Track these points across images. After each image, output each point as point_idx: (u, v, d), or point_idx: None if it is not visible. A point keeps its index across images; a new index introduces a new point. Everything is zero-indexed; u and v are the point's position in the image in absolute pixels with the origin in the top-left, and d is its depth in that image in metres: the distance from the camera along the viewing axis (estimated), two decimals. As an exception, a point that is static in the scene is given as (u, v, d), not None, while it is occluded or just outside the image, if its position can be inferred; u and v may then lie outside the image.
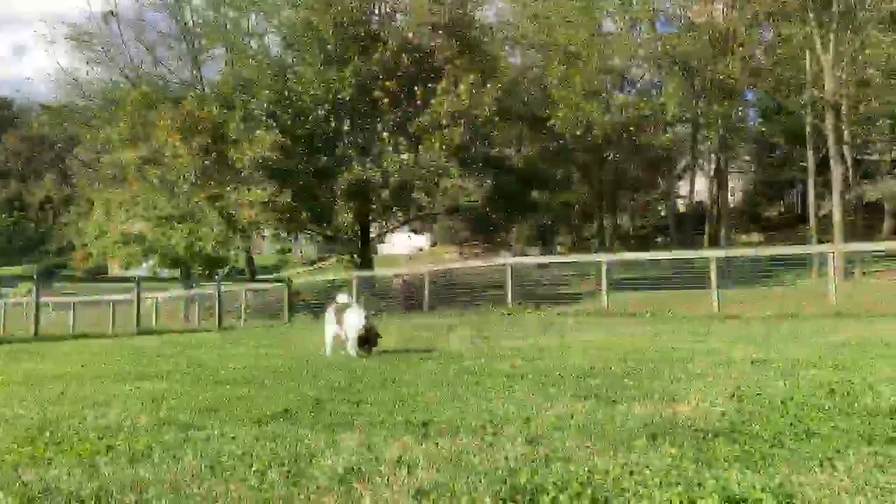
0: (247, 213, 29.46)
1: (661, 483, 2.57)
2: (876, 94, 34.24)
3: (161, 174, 31.23)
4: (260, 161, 27.83)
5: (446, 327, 14.02)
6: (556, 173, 42.68)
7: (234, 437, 3.64)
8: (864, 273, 28.15)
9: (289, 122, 29.50)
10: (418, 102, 29.71)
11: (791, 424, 3.68)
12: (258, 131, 28.05)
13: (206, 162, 30.07)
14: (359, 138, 31.91)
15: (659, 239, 47.19)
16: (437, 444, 3.39)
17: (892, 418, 3.80)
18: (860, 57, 31.53)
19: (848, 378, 5.23)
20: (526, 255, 36.42)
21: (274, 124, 28.60)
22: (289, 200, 27.96)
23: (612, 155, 39.49)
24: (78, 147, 47.71)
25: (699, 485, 2.49)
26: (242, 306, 26.25)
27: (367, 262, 33.24)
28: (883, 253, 27.94)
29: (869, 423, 3.64)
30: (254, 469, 2.92)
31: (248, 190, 28.55)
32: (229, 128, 28.89)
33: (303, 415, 4.51)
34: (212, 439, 3.62)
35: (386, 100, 29.74)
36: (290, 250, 35.22)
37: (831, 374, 5.49)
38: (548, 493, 2.45)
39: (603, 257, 21.36)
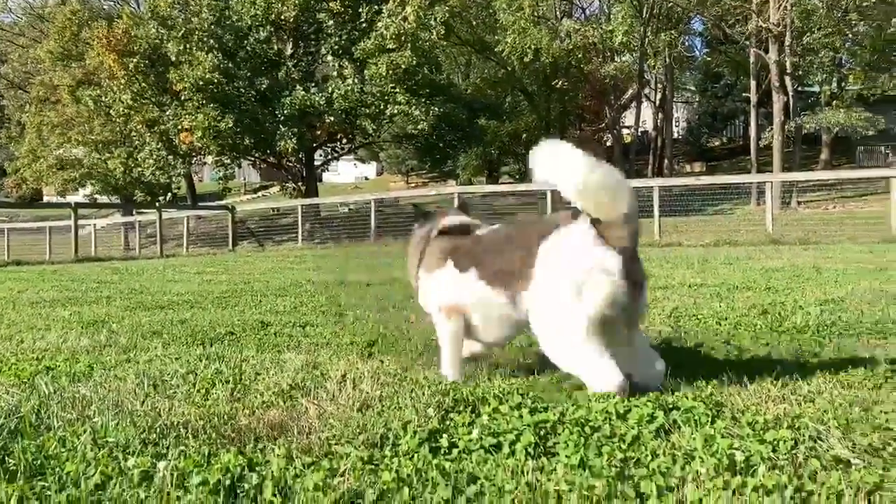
0: (187, 139, 28.70)
1: (599, 394, 2.65)
2: (818, 26, 34.68)
3: (96, 97, 30.04)
4: (200, 84, 26.95)
5: (392, 256, 14.04)
6: (504, 101, 42.45)
7: (177, 358, 3.62)
8: (799, 202, 29.02)
9: (230, 44, 28.51)
10: (364, 25, 28.99)
11: (725, 342, 3.83)
12: (198, 52, 27.05)
13: (143, 84, 29.02)
14: (302, 62, 31.09)
15: (605, 169, 47.52)
16: (382, 362, 3.44)
17: (817, 335, 3.98)
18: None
19: (780, 300, 5.44)
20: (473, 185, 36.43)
21: (215, 46, 27.57)
22: (231, 125, 27.26)
23: (560, 83, 39.34)
24: (5, 66, 45.52)
25: (634, 394, 2.58)
26: (185, 234, 25.80)
27: (312, 190, 32.88)
28: (818, 183, 28.79)
29: (797, 340, 3.80)
30: (198, 387, 2.92)
31: (189, 114, 27.72)
32: (168, 49, 27.79)
33: (248, 337, 4.51)
34: (155, 360, 3.60)
35: (330, 22, 28.94)
36: (232, 177, 34.50)
37: (764, 297, 5.70)
38: (489, 404, 2.51)
39: (549, 187, 21.44)
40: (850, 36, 35.43)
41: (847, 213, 24.04)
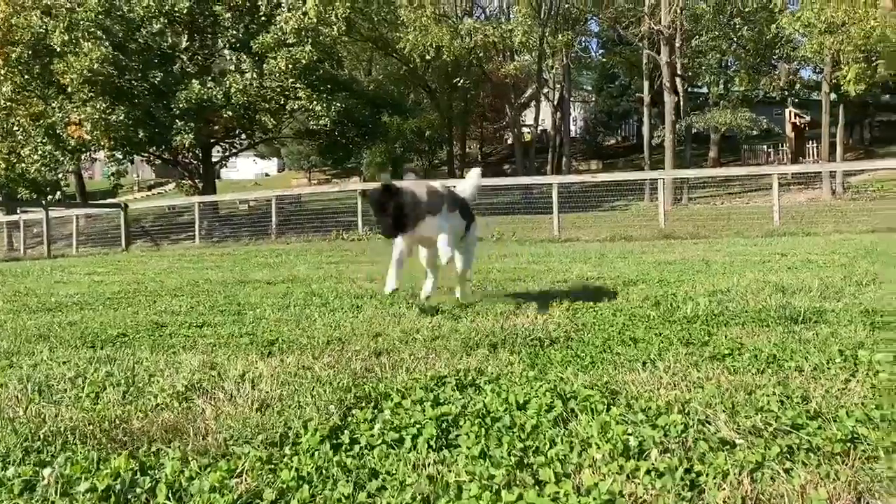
0: (75, 132, 27.39)
1: (497, 385, 2.70)
2: (706, 29, 36.35)
3: (-26, 89, 28.27)
4: (89, 76, 25.76)
5: (294, 253, 13.83)
6: (407, 98, 42.48)
7: (65, 362, 3.45)
8: (689, 198, 30.29)
9: (120, 35, 27.35)
10: (262, 18, 28.40)
11: (619, 332, 3.96)
12: (85, 44, 25.82)
13: (26, 76, 27.50)
14: (198, 55, 30.18)
15: (507, 167, 48.34)
16: (282, 360, 3.38)
17: (706, 324, 4.16)
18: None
19: (672, 292, 5.65)
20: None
21: (104, 37, 26.38)
22: (123, 119, 26.17)
23: (461, 81, 39.69)
24: None
25: (532, 385, 2.64)
26: (74, 233, 24.62)
27: (209, 187, 32.00)
28: (707, 180, 30.14)
29: (687, 330, 3.97)
30: (87, 391, 2.79)
31: (77, 107, 26.46)
32: (52, 39, 26.42)
33: (141, 338, 4.34)
34: (40, 364, 3.42)
35: (228, 15, 28.22)
36: (125, 174, 33.16)
37: (657, 289, 5.91)
38: (392, 399, 2.51)
39: (453, 183, 21.65)
40: (735, 40, 37.25)
41: (734, 209, 25.25)
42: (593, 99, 54.68)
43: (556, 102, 43.21)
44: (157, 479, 1.90)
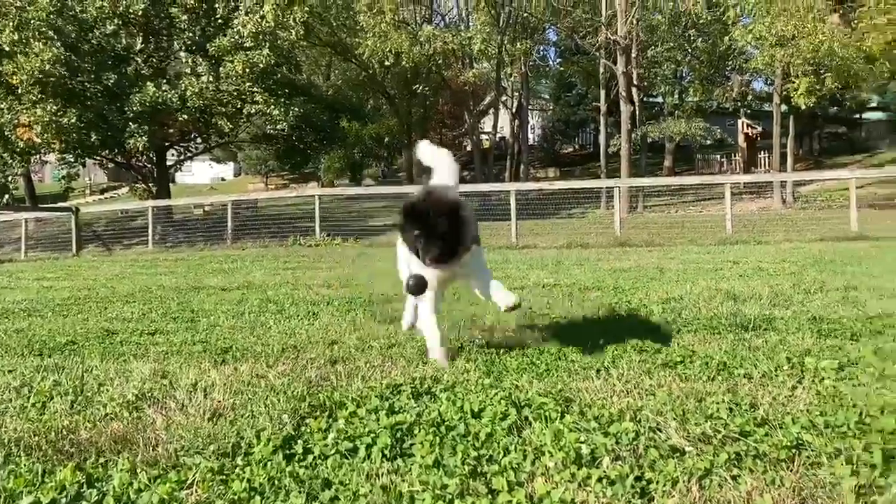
0: (25, 135, 26.72)
1: (452, 394, 2.70)
2: (662, 40, 36.99)
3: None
4: (39, 77, 25.16)
5: (250, 259, 13.68)
6: (366, 104, 42.37)
7: (10, 371, 3.36)
8: (645, 206, 30.72)
9: (73, 36, 26.78)
10: (219, 21, 28.07)
11: (575, 341, 3.99)
12: (36, 44, 25.21)
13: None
14: (153, 57, 29.69)
15: (466, 173, 48.50)
16: (236, 369, 3.34)
17: (660, 332, 4.23)
18: (649, 3, 33.78)
19: (626, 299, 5.73)
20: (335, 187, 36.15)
21: (55, 37, 25.79)
22: (74, 121, 25.61)
23: (420, 88, 39.74)
24: None
25: (487, 392, 2.65)
26: (23, 237, 24.00)
27: (163, 191, 31.48)
28: (662, 188, 30.61)
29: (641, 337, 4.02)
30: (33, 401, 2.72)
31: (27, 109, 25.81)
32: (1, 38, 25.74)
33: (91, 346, 4.25)
34: (-17, 374, 3.32)
35: (184, 17, 27.84)
36: (76, 177, 32.45)
37: (612, 296, 5.99)
38: (346, 408, 2.49)
39: (411, 190, 21.69)
40: (690, 51, 37.95)
41: (688, 217, 25.67)
42: (551, 107, 55.16)
43: (514, 110, 43.47)
44: (105, 491, 1.87)
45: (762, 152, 39.30)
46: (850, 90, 34.62)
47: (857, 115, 46.10)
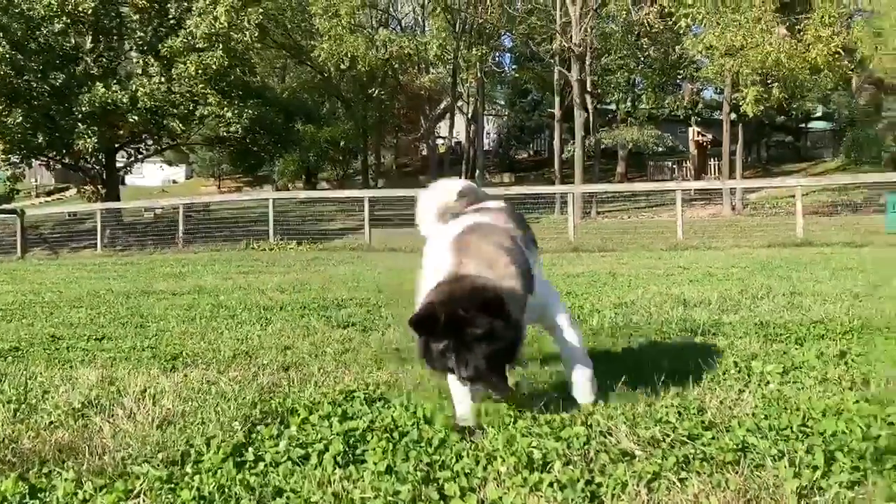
0: (-34, 135, 25.97)
1: (406, 400, 2.70)
2: (615, 48, 37.54)
3: None
4: (-18, 76, 24.50)
5: (202, 263, 13.48)
6: (321, 107, 42.11)
7: (-52, 379, 3.26)
8: (598, 212, 31.09)
9: (19, 34, 26.09)
10: (172, 22, 27.64)
11: (528, 345, 4.01)
12: (-22, 41, 24.55)
13: None
14: (103, 57, 29.09)
15: (422, 177, 48.47)
16: (186, 375, 3.29)
17: (611, 336, 4.28)
18: (603, 11, 34.27)
19: (579, 304, 5.79)
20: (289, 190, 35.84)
21: (0, 35, 25.11)
22: (20, 121, 24.96)
23: (376, 92, 39.66)
24: None
25: (441, 398, 2.65)
26: (-36, 240, 23.29)
27: (113, 194, 30.83)
28: (615, 194, 31.01)
29: (592, 341, 4.06)
30: (-28, 410, 2.65)
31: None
32: (-57, 36, 25.00)
33: (36, 352, 4.15)
34: (-80, 382, 3.22)
35: (135, 16, 27.36)
36: (21, 178, 31.64)
37: (565, 301, 6.04)
38: (299, 415, 2.48)
39: (367, 193, 21.65)
40: (643, 59, 38.56)
41: (640, 223, 26.06)
42: (506, 113, 55.49)
43: (470, 115, 43.64)
44: (48, 501, 1.82)
45: (712, 159, 40.06)
46: (796, 100, 35.50)
47: (803, 125, 47.30)
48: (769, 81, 29.24)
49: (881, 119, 36.24)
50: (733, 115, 32.40)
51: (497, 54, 44.95)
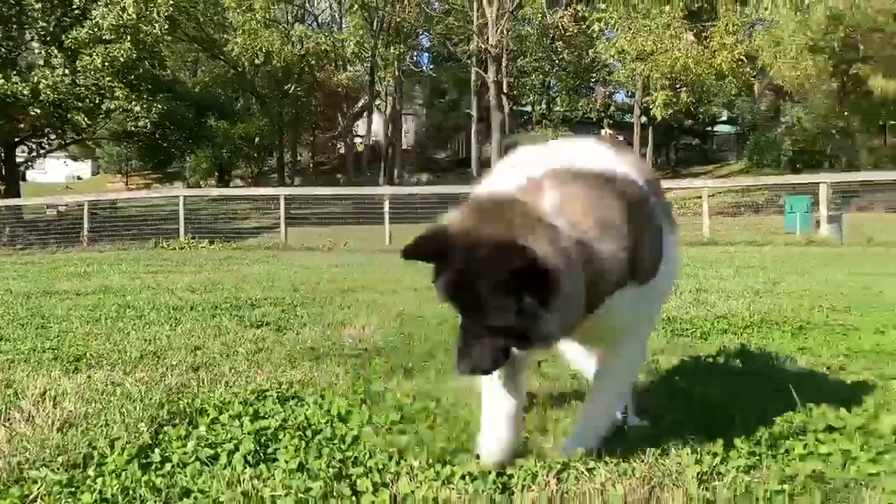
0: None
1: (320, 398, 2.68)
2: (531, 51, 38.16)
3: None
4: None
5: (108, 262, 13.00)
6: (235, 103, 41.22)
7: None
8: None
9: None
10: (77, 12, 26.55)
11: (444, 341, 4.04)
12: None
13: None
14: (2, 46, 27.69)
15: (340, 176, 48.11)
16: (89, 377, 3.17)
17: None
18: (519, 13, 34.77)
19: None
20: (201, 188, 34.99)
21: None
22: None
23: (292, 88, 39.11)
24: None
25: (354, 392, 2.65)
26: None
27: (13, 190, 29.41)
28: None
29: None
30: None
31: None
32: None
33: (-77, 356, 3.91)
34: None
35: (37, 5, 26.15)
36: None
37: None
38: (208, 415, 2.42)
39: (282, 191, 21.34)
40: (557, 62, 39.32)
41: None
42: (424, 112, 55.61)
43: (388, 114, 43.54)
44: (-64, 511, 1.73)
45: (624, 161, 41.15)
46: (702, 104, 36.89)
47: (709, 128, 49.16)
48: (678, 86, 30.29)
49: (780, 124, 38.02)
50: (644, 119, 33.41)
51: (415, 53, 45.03)
